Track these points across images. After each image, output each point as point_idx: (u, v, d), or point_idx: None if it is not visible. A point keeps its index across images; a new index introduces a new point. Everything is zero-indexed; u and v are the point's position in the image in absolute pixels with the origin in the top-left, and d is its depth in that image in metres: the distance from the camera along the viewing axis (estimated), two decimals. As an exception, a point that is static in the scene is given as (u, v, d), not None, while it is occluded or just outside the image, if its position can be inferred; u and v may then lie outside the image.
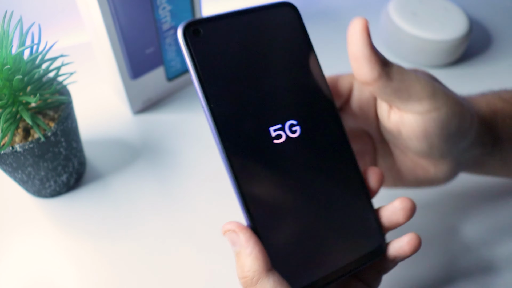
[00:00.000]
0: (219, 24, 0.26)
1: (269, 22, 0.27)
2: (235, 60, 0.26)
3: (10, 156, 0.34)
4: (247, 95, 0.26)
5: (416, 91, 0.27)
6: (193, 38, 0.25)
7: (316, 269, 0.25)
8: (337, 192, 0.27)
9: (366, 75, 0.27)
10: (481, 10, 0.62)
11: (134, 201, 0.41)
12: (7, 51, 0.32)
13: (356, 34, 0.26)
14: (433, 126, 0.28)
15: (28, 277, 0.36)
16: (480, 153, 0.32)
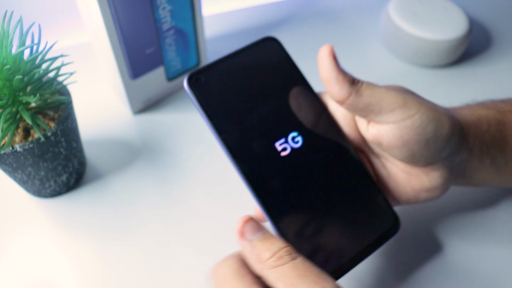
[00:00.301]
0: (215, 69, 0.31)
1: (258, 56, 0.33)
2: (234, 95, 0.31)
3: (10, 156, 0.34)
4: (249, 121, 0.31)
5: (387, 103, 0.29)
6: (196, 86, 0.30)
7: (340, 256, 0.29)
8: (346, 185, 0.31)
9: (337, 95, 0.29)
10: (481, 10, 0.62)
11: (134, 201, 0.41)
12: (7, 51, 0.32)
13: (323, 59, 0.29)
14: (409, 133, 0.29)
15: (28, 277, 0.36)
16: (468, 158, 0.33)
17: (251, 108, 0.31)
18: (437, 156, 0.31)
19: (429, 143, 0.30)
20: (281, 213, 0.29)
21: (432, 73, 0.53)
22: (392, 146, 0.30)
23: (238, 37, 0.57)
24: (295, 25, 0.59)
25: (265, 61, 0.33)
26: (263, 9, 0.62)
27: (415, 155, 0.30)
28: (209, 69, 0.31)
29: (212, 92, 0.31)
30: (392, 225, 0.31)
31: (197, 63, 0.50)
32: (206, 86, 0.31)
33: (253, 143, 0.30)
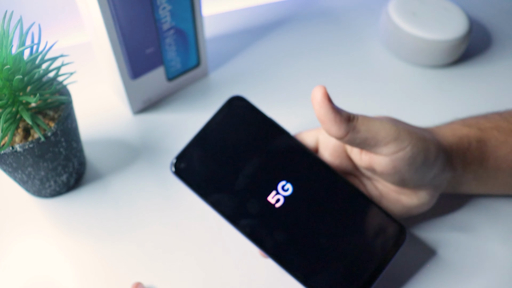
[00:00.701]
0: (194, 148, 0.34)
1: (229, 120, 0.35)
2: (217, 165, 0.33)
3: (10, 156, 0.34)
4: (238, 185, 0.33)
5: (382, 137, 0.31)
6: (180, 169, 0.33)
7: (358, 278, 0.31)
8: (346, 213, 0.33)
9: (335, 134, 0.31)
10: (481, 10, 0.62)
11: (134, 201, 0.41)
12: (7, 51, 0.32)
13: (318, 102, 0.30)
14: (401, 163, 0.32)
15: (28, 277, 0.36)
16: (452, 176, 0.36)
17: (236, 172, 0.33)
18: (425, 179, 0.34)
19: (418, 170, 0.32)
20: (293, 259, 0.31)
21: (432, 73, 0.53)
22: (384, 173, 0.33)
23: (238, 37, 0.57)
24: (295, 25, 0.59)
25: (237, 121, 0.35)
26: (263, 9, 0.62)
27: (405, 180, 0.33)
28: (188, 150, 0.33)
29: (197, 171, 0.33)
30: (399, 234, 0.33)
31: (197, 63, 0.50)
32: (190, 167, 0.33)
33: (247, 205, 0.33)
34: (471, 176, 0.36)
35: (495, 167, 0.36)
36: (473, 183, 0.37)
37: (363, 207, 0.33)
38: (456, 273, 0.36)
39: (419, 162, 0.32)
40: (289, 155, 0.34)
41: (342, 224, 0.33)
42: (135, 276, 0.36)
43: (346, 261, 0.32)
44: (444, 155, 0.34)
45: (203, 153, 0.34)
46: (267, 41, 0.57)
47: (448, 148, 0.35)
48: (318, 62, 0.54)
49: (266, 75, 0.53)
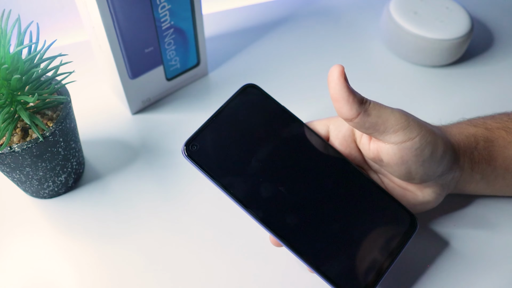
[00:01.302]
0: (207, 131, 0.33)
1: (242, 106, 0.34)
2: (230, 149, 0.33)
3: (8, 156, 0.34)
4: (251, 168, 0.32)
5: (392, 124, 0.31)
6: (193, 152, 0.32)
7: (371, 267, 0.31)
8: (358, 200, 0.33)
9: (347, 114, 0.31)
10: (483, 9, 0.62)
11: (133, 202, 0.41)
12: (5, 50, 0.32)
13: (334, 80, 0.30)
14: (409, 154, 0.32)
15: (27, 278, 0.36)
16: (460, 175, 0.35)
17: (249, 156, 0.33)
18: (431, 175, 0.33)
19: (425, 163, 0.32)
20: (305, 245, 0.31)
21: (434, 72, 0.53)
22: (391, 163, 0.32)
23: (238, 36, 0.57)
24: (295, 23, 0.59)
25: (250, 108, 0.34)
26: (264, 8, 0.61)
27: (412, 173, 0.33)
28: (201, 133, 0.33)
29: (209, 154, 0.32)
30: (410, 223, 0.33)
31: (196, 62, 0.49)
32: (203, 150, 0.32)
33: (260, 189, 0.32)
34: (479, 176, 0.36)
35: (503, 168, 0.36)
36: (481, 183, 0.37)
37: (374, 195, 0.34)
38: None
39: (426, 155, 0.32)
40: (302, 142, 0.34)
41: (354, 211, 0.33)
42: (134, 276, 0.36)
43: (358, 248, 0.32)
44: (451, 153, 0.34)
45: (215, 136, 0.33)
46: (267, 40, 0.57)
47: (455, 145, 0.35)
48: (318, 61, 0.54)
49: (266, 74, 0.52)
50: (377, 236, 0.32)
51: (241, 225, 0.39)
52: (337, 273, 0.31)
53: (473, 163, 0.36)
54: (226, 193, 0.32)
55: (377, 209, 0.33)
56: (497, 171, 0.36)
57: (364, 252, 0.32)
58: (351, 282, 0.30)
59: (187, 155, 0.32)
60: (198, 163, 0.32)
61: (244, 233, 0.38)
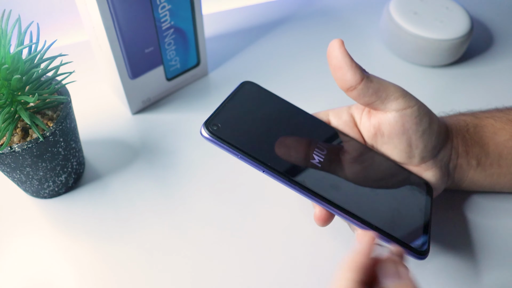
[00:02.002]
0: (222, 113, 0.32)
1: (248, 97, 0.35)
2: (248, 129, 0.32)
3: (8, 156, 0.34)
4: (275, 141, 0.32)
5: (392, 91, 0.32)
6: (216, 132, 0.31)
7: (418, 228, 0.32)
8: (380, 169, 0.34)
9: (350, 80, 0.31)
10: (483, 9, 0.62)
11: (133, 202, 0.41)
12: (5, 50, 0.32)
13: (336, 49, 0.31)
14: (409, 121, 0.33)
15: (27, 278, 0.36)
16: (456, 159, 0.36)
17: (269, 136, 0.32)
18: (430, 149, 0.34)
19: (424, 134, 0.33)
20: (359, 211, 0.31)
21: (434, 73, 0.53)
22: (393, 134, 0.33)
23: (238, 36, 0.57)
24: (295, 24, 0.59)
25: (253, 101, 0.35)
26: (264, 8, 0.61)
27: (412, 146, 0.34)
28: (218, 114, 0.32)
29: (231, 133, 0.32)
30: (427, 186, 0.35)
31: (196, 62, 0.49)
32: (224, 129, 0.31)
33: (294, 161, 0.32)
34: (475, 162, 0.37)
35: (496, 153, 0.37)
36: (478, 171, 0.37)
37: (391, 166, 0.35)
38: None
39: (425, 124, 0.33)
40: (312, 126, 0.35)
41: (382, 178, 0.34)
42: (134, 276, 0.36)
43: (401, 208, 0.33)
44: (445, 130, 0.36)
45: (232, 118, 0.32)
46: (267, 40, 0.57)
47: (447, 126, 0.36)
48: (318, 61, 0.54)
49: (266, 74, 0.52)
50: (412, 199, 0.33)
51: (242, 225, 0.39)
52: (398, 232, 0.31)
53: (467, 146, 0.36)
54: (260, 167, 0.31)
55: (399, 177, 0.34)
56: (491, 157, 0.37)
57: (407, 212, 0.33)
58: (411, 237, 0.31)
59: (210, 133, 0.31)
60: (225, 141, 0.31)
61: (244, 232, 0.38)
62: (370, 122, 0.34)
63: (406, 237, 0.31)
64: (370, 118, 0.34)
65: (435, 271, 0.36)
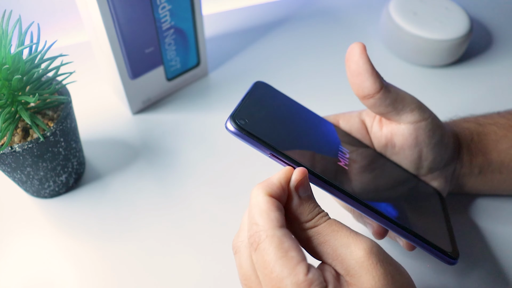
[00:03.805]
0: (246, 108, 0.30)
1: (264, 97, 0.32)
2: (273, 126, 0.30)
3: (9, 156, 0.34)
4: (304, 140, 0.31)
5: (408, 103, 0.31)
6: (244, 127, 0.28)
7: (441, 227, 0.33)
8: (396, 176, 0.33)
9: (369, 88, 0.30)
10: (482, 10, 0.62)
11: (134, 201, 0.41)
12: (6, 50, 0.32)
13: (356, 54, 0.30)
14: (422, 134, 0.32)
15: (28, 277, 0.36)
16: (460, 168, 0.36)
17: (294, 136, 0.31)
18: (439, 161, 0.34)
19: (435, 147, 0.33)
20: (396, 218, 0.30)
21: (433, 73, 0.53)
22: (404, 146, 0.33)
23: (238, 36, 0.57)
24: (295, 24, 0.59)
25: (271, 98, 0.33)
26: (263, 8, 0.61)
27: (422, 157, 0.33)
28: (242, 109, 0.30)
29: (259, 128, 0.29)
30: (439, 195, 0.35)
31: (197, 62, 0.50)
32: (251, 124, 0.29)
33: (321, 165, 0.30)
34: (477, 170, 0.37)
35: (498, 161, 0.37)
36: (479, 178, 0.38)
37: (407, 174, 0.34)
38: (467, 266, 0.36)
39: (437, 137, 0.33)
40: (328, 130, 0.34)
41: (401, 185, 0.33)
42: (134, 276, 0.36)
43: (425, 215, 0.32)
44: (454, 141, 0.35)
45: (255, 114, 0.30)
46: (267, 40, 0.57)
47: (456, 136, 0.36)
48: (318, 61, 0.54)
49: (266, 74, 0.52)
50: (431, 206, 0.33)
51: (241, 225, 0.39)
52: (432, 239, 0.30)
53: (471, 156, 0.36)
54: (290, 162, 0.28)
55: (415, 184, 0.34)
56: (493, 165, 0.37)
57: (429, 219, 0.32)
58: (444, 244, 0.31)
59: (239, 129, 0.28)
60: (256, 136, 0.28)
61: (243, 232, 0.39)
62: (381, 132, 0.34)
63: (440, 243, 0.31)
64: (382, 127, 0.34)
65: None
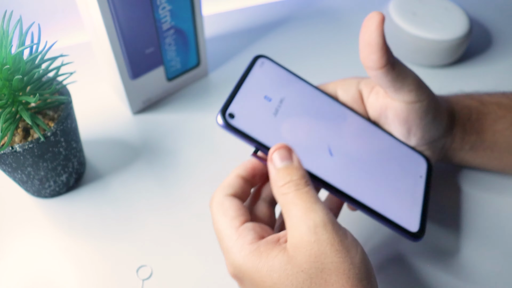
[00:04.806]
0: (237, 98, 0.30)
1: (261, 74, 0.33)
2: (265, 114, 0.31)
3: (9, 156, 0.34)
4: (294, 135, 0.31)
5: (408, 83, 0.32)
6: (233, 121, 0.29)
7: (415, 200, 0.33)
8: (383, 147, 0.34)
9: (375, 61, 0.30)
10: (482, 10, 0.62)
11: (134, 201, 0.41)
12: (6, 50, 0.32)
13: (373, 25, 0.30)
14: (414, 114, 0.33)
15: (28, 277, 0.36)
16: (451, 144, 0.37)
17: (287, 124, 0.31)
18: (427, 139, 0.35)
19: (425, 126, 0.34)
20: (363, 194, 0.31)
21: (433, 73, 0.53)
22: (395, 121, 0.34)
23: (238, 36, 0.57)
24: (295, 24, 0.59)
25: (269, 76, 0.33)
26: (264, 9, 0.62)
27: (410, 134, 0.34)
28: (234, 99, 0.30)
29: (248, 122, 0.30)
30: (427, 163, 0.35)
31: (197, 63, 0.50)
32: (240, 118, 0.29)
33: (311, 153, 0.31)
34: (468, 146, 0.38)
35: (492, 141, 0.37)
36: (469, 153, 0.38)
37: (392, 143, 0.35)
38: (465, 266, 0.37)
39: (429, 118, 0.34)
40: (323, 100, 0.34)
41: (384, 157, 0.34)
42: (134, 275, 0.36)
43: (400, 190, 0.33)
44: (448, 121, 0.36)
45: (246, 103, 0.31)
46: (267, 41, 0.57)
47: (453, 115, 0.37)
48: (318, 62, 0.54)
49: (266, 75, 0.52)
50: (409, 178, 0.34)
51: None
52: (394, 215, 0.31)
53: (465, 134, 0.37)
54: None
55: (399, 153, 0.35)
56: (485, 143, 0.37)
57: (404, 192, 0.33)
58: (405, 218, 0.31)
59: (227, 124, 0.29)
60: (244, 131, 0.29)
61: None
62: (377, 102, 0.34)
63: (399, 218, 0.31)
64: (378, 99, 0.34)
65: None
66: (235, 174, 0.30)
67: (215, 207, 0.29)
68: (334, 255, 0.24)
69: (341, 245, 0.25)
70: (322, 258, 0.24)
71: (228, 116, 0.29)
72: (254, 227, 0.27)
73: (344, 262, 0.25)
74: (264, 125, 0.30)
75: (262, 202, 0.31)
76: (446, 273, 0.36)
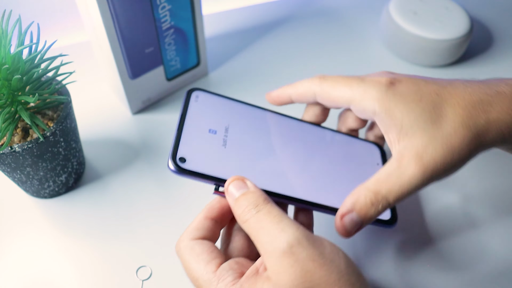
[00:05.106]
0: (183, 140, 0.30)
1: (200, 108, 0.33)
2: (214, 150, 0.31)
3: (8, 156, 0.34)
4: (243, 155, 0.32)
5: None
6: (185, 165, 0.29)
7: None
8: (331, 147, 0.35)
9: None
10: (483, 9, 0.62)
11: (133, 202, 0.41)
12: (5, 50, 0.32)
13: None
14: None
15: (27, 277, 0.36)
16: None
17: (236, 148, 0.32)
18: None
19: None
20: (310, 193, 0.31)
21: (433, 73, 0.53)
22: None
23: (238, 36, 0.57)
24: (295, 24, 0.59)
25: (209, 107, 0.33)
26: (264, 8, 0.61)
27: None
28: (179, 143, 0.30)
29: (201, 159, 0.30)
30: (381, 151, 0.37)
31: (196, 62, 0.50)
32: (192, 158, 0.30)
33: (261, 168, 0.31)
34: None
35: None
36: None
37: (343, 139, 0.36)
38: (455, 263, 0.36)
39: None
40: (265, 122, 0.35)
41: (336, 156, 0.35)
42: (134, 275, 0.36)
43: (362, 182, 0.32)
44: None
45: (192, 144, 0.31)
46: (267, 40, 0.57)
47: None
48: (318, 61, 0.54)
49: (266, 74, 0.52)
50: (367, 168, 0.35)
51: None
52: None
53: None
54: None
55: (351, 148, 0.36)
56: None
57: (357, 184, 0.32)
58: None
59: (179, 169, 0.29)
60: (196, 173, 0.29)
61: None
62: None
63: None
64: None
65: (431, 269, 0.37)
66: (203, 216, 0.29)
67: (185, 253, 0.27)
68: (319, 270, 0.24)
69: (323, 258, 0.24)
70: (309, 276, 0.23)
71: (180, 161, 0.29)
72: (231, 266, 0.26)
73: (331, 273, 0.24)
74: (217, 160, 0.30)
75: (237, 232, 0.30)
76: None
